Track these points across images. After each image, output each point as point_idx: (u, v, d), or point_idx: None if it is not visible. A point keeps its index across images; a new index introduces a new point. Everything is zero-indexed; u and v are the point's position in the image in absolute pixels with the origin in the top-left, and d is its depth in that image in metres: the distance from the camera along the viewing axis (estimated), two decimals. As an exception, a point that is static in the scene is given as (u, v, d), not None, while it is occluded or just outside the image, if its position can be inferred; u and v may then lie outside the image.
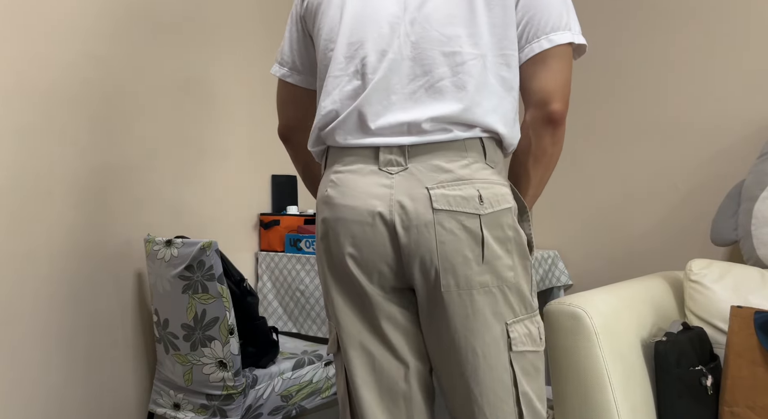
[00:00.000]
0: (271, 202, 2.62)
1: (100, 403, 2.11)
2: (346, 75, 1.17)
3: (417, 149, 1.12)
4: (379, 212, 1.12)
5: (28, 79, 1.92)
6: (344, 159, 1.17)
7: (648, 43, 2.48)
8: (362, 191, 1.13)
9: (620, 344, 1.53)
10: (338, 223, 1.15)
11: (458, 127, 1.12)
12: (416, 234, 1.10)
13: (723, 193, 2.30)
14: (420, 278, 1.12)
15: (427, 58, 1.13)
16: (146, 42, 2.21)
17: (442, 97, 1.12)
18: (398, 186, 1.12)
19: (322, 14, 1.22)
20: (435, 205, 1.10)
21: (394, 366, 1.15)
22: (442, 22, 1.13)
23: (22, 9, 1.90)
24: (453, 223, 1.10)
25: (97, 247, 2.10)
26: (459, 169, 1.12)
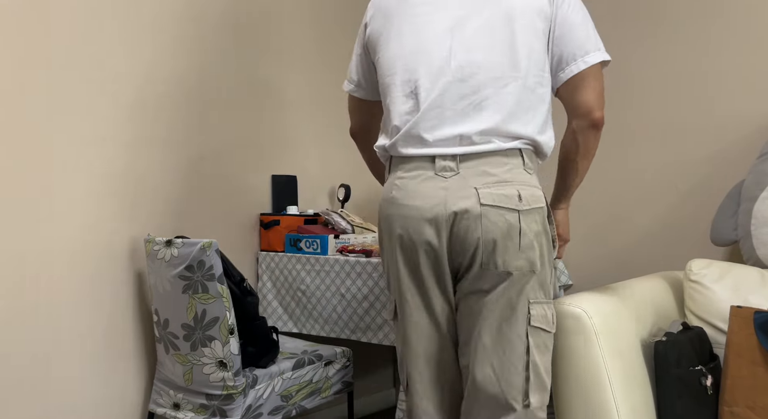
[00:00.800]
0: (271, 202, 2.62)
1: (100, 403, 2.11)
2: (403, 96, 1.43)
3: (467, 157, 1.37)
4: (437, 210, 1.36)
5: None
6: (405, 166, 1.43)
7: (647, 43, 2.48)
8: (422, 193, 1.39)
9: (620, 344, 1.53)
10: (405, 220, 1.41)
11: (501, 138, 1.36)
12: (466, 225, 1.35)
13: (723, 193, 2.30)
14: (467, 260, 1.36)
15: (474, 81, 1.36)
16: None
17: (488, 113, 1.36)
18: (452, 187, 1.36)
19: (383, 47, 1.48)
20: (482, 201, 1.34)
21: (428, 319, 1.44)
22: (487, 52, 1.37)
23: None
24: (496, 217, 1.34)
25: (97, 247, 2.10)
26: (502, 173, 1.36)
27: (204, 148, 2.40)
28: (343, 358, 2.21)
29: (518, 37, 1.37)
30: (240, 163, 2.51)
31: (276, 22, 2.63)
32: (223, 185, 2.45)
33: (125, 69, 2.17)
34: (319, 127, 2.80)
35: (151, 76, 2.24)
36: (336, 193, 2.88)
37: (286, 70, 2.66)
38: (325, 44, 2.81)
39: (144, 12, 2.21)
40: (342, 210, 2.60)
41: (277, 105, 2.63)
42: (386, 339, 2.17)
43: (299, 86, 2.71)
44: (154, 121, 2.25)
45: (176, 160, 2.31)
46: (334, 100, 2.85)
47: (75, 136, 2.05)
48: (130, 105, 2.18)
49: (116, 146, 2.15)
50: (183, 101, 2.33)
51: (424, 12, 1.43)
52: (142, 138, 2.22)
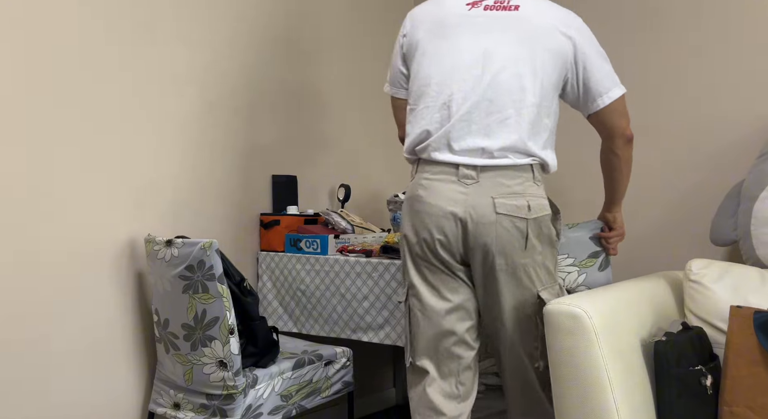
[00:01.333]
0: (271, 202, 2.63)
1: (100, 403, 2.11)
2: (436, 106, 1.63)
3: (486, 168, 1.59)
4: (457, 212, 1.59)
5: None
6: (432, 169, 1.63)
7: (647, 43, 2.48)
8: (445, 195, 1.60)
9: (620, 344, 1.53)
10: (427, 216, 1.62)
11: (516, 155, 1.59)
12: (481, 228, 1.58)
13: (723, 193, 2.30)
14: (480, 258, 1.61)
15: (500, 101, 1.58)
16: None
17: (508, 130, 1.58)
18: (471, 194, 1.59)
19: (418, 60, 1.69)
20: (497, 210, 1.57)
21: (440, 304, 1.67)
22: (512, 77, 1.58)
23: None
24: (508, 224, 1.58)
25: (97, 247, 2.10)
26: (515, 185, 1.59)
27: (206, 148, 2.40)
28: (343, 358, 2.21)
29: (538, 68, 1.60)
30: (240, 163, 2.51)
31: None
32: (223, 185, 2.46)
33: (126, 69, 2.18)
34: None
35: (152, 76, 2.24)
36: (336, 193, 2.88)
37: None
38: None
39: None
40: (342, 210, 2.60)
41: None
42: (387, 339, 2.17)
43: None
44: (154, 121, 2.25)
45: (177, 160, 2.31)
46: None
47: (75, 137, 2.06)
48: (130, 106, 2.19)
49: (116, 146, 2.15)
50: (186, 102, 2.33)
51: (461, 32, 1.64)
52: (142, 138, 2.22)
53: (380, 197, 3.08)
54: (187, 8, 2.34)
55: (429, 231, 1.62)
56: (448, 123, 1.61)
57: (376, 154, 3.06)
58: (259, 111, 2.58)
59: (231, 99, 2.48)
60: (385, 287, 2.17)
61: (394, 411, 2.99)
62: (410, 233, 1.67)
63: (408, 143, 1.69)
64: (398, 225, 2.54)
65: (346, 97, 2.92)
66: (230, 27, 2.48)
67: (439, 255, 1.63)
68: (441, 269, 1.66)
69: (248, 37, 2.54)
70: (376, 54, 3.05)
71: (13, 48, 1.92)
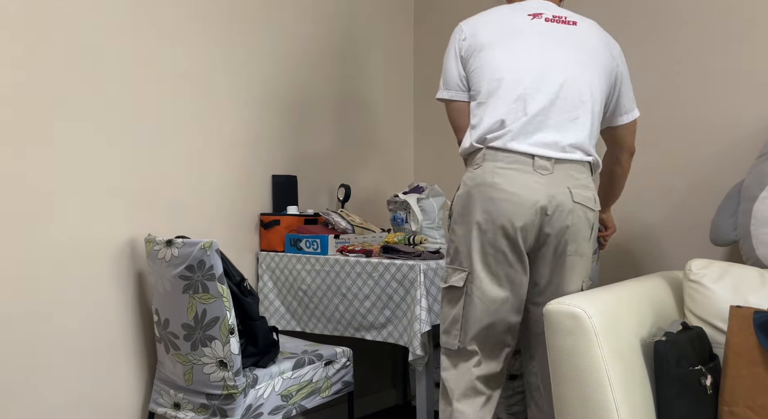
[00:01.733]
0: (271, 202, 2.63)
1: (100, 403, 2.11)
2: (510, 98, 1.71)
3: (560, 161, 1.70)
4: (537, 200, 1.66)
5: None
6: (507, 158, 1.69)
7: (647, 43, 2.48)
8: (523, 184, 1.67)
9: (620, 344, 1.53)
10: (507, 204, 1.67)
11: (581, 152, 1.72)
12: (557, 216, 1.68)
13: (723, 193, 2.30)
14: (553, 244, 1.70)
15: (572, 102, 1.72)
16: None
17: (577, 129, 1.71)
18: (549, 183, 1.68)
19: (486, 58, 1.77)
20: (575, 199, 1.69)
21: (499, 293, 1.73)
22: (581, 84, 1.73)
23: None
24: (581, 212, 1.71)
25: (97, 247, 2.10)
26: (583, 179, 1.72)
27: (206, 148, 2.40)
28: (343, 358, 2.21)
29: (595, 80, 1.75)
30: (240, 163, 2.51)
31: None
32: (223, 185, 2.46)
33: (126, 69, 2.18)
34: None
35: (152, 76, 2.24)
36: (336, 193, 2.88)
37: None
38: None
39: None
40: (342, 210, 2.60)
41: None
42: (390, 337, 2.17)
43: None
44: (154, 121, 2.25)
45: (177, 161, 2.31)
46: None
47: (75, 137, 2.06)
48: (130, 106, 2.19)
49: (116, 146, 2.16)
50: (186, 102, 2.33)
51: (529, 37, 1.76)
52: (143, 138, 2.22)
53: (380, 197, 3.09)
54: (186, 6, 2.34)
55: (509, 219, 1.67)
56: (524, 116, 1.70)
57: (376, 154, 3.06)
58: (260, 111, 2.58)
59: (231, 99, 2.48)
60: (386, 287, 2.17)
61: (394, 411, 2.99)
62: (483, 219, 1.70)
63: (479, 132, 1.74)
64: (398, 226, 2.54)
65: (345, 98, 2.92)
66: (229, 26, 2.48)
67: (516, 243, 1.69)
68: (508, 258, 1.70)
69: (248, 36, 2.54)
70: (376, 55, 3.05)
71: (14, 48, 1.92)
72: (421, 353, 2.05)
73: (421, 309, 2.06)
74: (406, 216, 2.51)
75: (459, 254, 1.76)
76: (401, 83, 3.19)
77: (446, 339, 1.79)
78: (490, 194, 1.69)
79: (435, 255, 2.24)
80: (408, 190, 2.57)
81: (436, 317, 2.14)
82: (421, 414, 2.15)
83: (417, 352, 2.05)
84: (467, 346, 1.76)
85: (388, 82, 3.12)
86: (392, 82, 3.14)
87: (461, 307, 1.75)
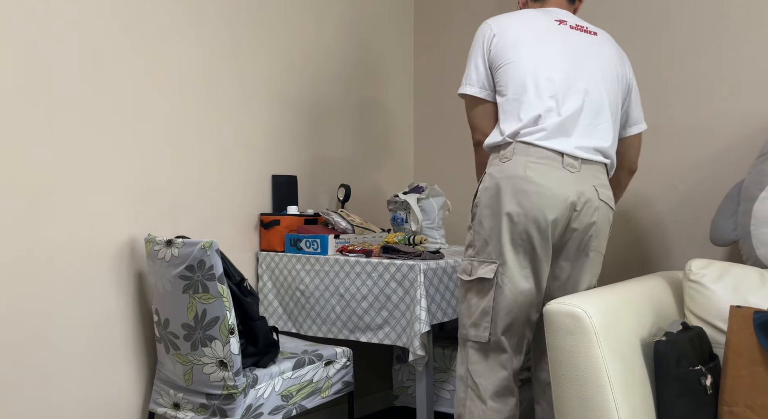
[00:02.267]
0: (271, 202, 2.63)
1: (100, 403, 2.11)
2: (544, 97, 1.75)
3: (586, 161, 1.76)
4: (568, 195, 1.72)
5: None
6: (538, 153, 1.73)
7: (646, 42, 2.48)
8: (555, 179, 1.71)
9: (620, 344, 1.53)
10: (540, 197, 1.70)
11: (603, 156, 1.80)
12: (585, 212, 1.74)
13: (723, 193, 2.30)
14: (578, 238, 1.76)
15: (596, 110, 1.79)
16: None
17: (602, 135, 1.79)
18: (578, 180, 1.73)
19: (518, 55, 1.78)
20: (601, 197, 1.76)
21: (526, 285, 1.76)
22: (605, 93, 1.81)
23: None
24: (605, 210, 1.79)
25: (97, 247, 2.10)
26: (604, 179, 1.81)
27: (206, 148, 2.40)
28: (343, 358, 2.21)
29: (615, 90, 1.84)
30: (240, 163, 2.51)
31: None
32: (223, 185, 2.46)
33: (126, 69, 2.18)
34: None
35: (152, 76, 2.24)
36: (336, 193, 2.88)
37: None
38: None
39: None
40: (342, 210, 2.60)
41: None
42: (387, 339, 2.17)
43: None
44: (154, 121, 2.25)
45: (177, 160, 2.32)
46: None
47: (76, 137, 2.06)
48: (130, 106, 2.19)
49: (117, 147, 2.16)
50: (186, 102, 2.33)
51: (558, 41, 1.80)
52: (143, 138, 2.22)
53: (380, 197, 3.09)
54: (188, 7, 2.34)
55: (542, 212, 1.70)
56: (558, 116, 1.74)
57: (376, 154, 3.06)
58: (260, 111, 2.58)
59: (231, 99, 2.48)
60: (385, 287, 2.17)
61: (394, 411, 2.99)
62: (516, 211, 1.72)
63: (514, 127, 1.76)
64: (398, 226, 2.54)
65: (346, 98, 2.92)
66: (230, 27, 2.48)
67: (546, 236, 1.72)
68: (536, 250, 1.73)
69: (249, 37, 2.54)
70: (376, 55, 3.06)
71: (14, 48, 1.92)
72: (422, 353, 2.05)
73: (422, 309, 2.06)
74: (406, 216, 2.51)
75: (488, 246, 1.76)
76: (401, 83, 3.19)
77: (476, 332, 1.79)
78: (522, 186, 1.71)
79: (435, 255, 2.24)
80: (408, 190, 2.57)
81: (442, 315, 2.14)
82: (421, 414, 2.15)
83: (417, 352, 2.05)
84: (499, 338, 1.77)
85: (389, 82, 3.12)
86: (392, 82, 3.14)
87: (491, 299, 1.75)
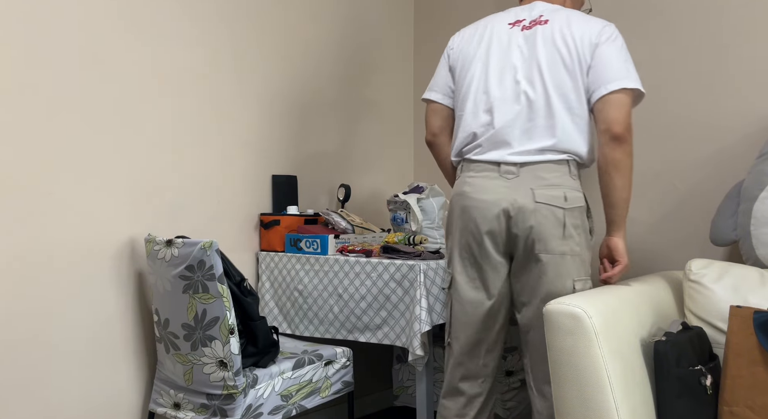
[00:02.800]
0: (271, 202, 2.63)
1: (100, 403, 2.11)
2: (479, 111, 1.80)
3: (526, 165, 1.73)
4: (500, 204, 1.73)
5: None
6: (476, 167, 1.79)
7: (648, 43, 2.48)
8: (489, 190, 1.75)
9: (620, 344, 1.53)
10: (474, 210, 1.76)
11: (553, 153, 1.73)
12: (520, 217, 1.71)
13: (723, 193, 2.30)
14: (522, 245, 1.73)
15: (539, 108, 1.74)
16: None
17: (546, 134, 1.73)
18: (512, 186, 1.73)
19: (464, 72, 1.86)
20: (538, 199, 1.71)
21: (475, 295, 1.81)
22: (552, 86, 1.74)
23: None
24: (546, 211, 1.71)
25: (97, 247, 2.10)
26: (553, 178, 1.72)
27: (206, 148, 2.40)
28: (343, 358, 2.21)
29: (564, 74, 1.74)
30: (240, 163, 2.51)
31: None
32: (223, 185, 2.46)
33: (126, 69, 2.18)
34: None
35: (152, 76, 2.24)
36: (336, 193, 2.88)
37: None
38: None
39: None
40: (342, 210, 2.60)
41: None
42: (386, 339, 2.17)
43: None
44: (154, 121, 2.25)
45: (177, 160, 2.32)
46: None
47: (76, 137, 2.06)
48: (130, 106, 2.19)
49: (116, 146, 2.16)
50: (186, 102, 2.33)
51: (498, 49, 1.81)
52: (143, 138, 2.22)
53: (380, 197, 3.09)
54: (188, 6, 2.34)
55: (476, 225, 1.76)
56: (492, 129, 1.77)
57: (376, 154, 3.06)
58: (260, 111, 2.58)
59: (232, 99, 2.48)
60: (384, 287, 2.17)
61: (394, 411, 2.99)
62: (460, 227, 1.81)
63: (457, 146, 1.85)
64: (398, 226, 2.54)
65: (346, 98, 2.92)
66: (231, 26, 2.48)
67: (485, 247, 1.76)
68: (478, 261, 1.79)
69: (250, 37, 2.54)
70: (376, 55, 3.06)
71: (14, 48, 1.92)
72: (421, 353, 2.05)
73: (421, 309, 2.06)
74: (406, 216, 2.51)
75: (450, 259, 1.87)
76: (401, 83, 3.19)
77: (446, 335, 1.92)
78: (462, 202, 1.79)
79: (435, 255, 2.24)
80: (408, 190, 2.57)
81: (438, 317, 2.14)
82: (421, 414, 2.15)
83: (417, 352, 2.05)
84: (452, 341, 1.87)
85: (389, 82, 3.12)
86: (392, 82, 3.14)
87: (449, 306, 1.87)
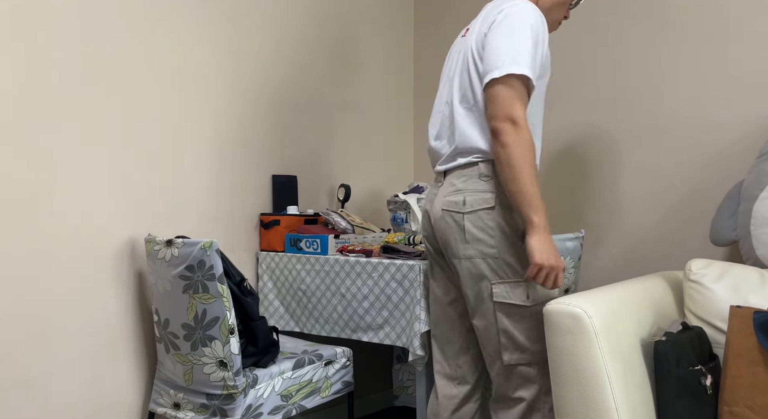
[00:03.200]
0: (271, 202, 2.63)
1: (100, 403, 2.11)
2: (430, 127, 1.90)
3: (448, 171, 1.80)
4: (426, 211, 1.85)
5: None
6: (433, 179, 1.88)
7: (646, 42, 2.48)
8: (427, 199, 1.87)
9: (620, 344, 1.53)
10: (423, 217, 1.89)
11: (462, 156, 1.75)
12: (435, 224, 1.79)
13: (723, 193, 2.30)
14: (443, 251, 1.80)
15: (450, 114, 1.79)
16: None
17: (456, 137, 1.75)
18: (435, 195, 1.82)
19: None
20: (442, 206, 1.76)
21: (440, 292, 1.90)
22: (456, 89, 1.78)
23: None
24: (448, 218, 1.75)
25: (97, 247, 2.10)
26: (459, 183, 1.74)
27: (206, 148, 2.40)
28: (343, 358, 2.21)
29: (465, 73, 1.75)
30: (240, 163, 2.51)
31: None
32: (223, 185, 2.46)
33: (127, 69, 2.18)
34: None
35: (152, 76, 2.25)
36: (336, 193, 2.88)
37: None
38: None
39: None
40: (342, 210, 2.60)
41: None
42: (387, 339, 2.17)
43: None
44: (154, 121, 2.25)
45: (177, 160, 2.32)
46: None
47: (76, 137, 2.06)
48: (130, 106, 2.19)
49: (116, 147, 2.16)
50: (187, 102, 2.33)
51: (448, 61, 1.89)
52: (143, 138, 2.22)
53: (380, 197, 3.09)
54: (187, 6, 2.34)
55: (422, 231, 1.92)
56: (432, 141, 1.88)
57: (376, 154, 3.06)
58: (260, 111, 2.58)
59: (232, 99, 2.48)
60: (385, 287, 2.17)
61: (394, 411, 2.99)
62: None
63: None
64: (398, 226, 2.54)
65: (346, 98, 2.92)
66: (230, 26, 2.48)
67: (429, 249, 1.89)
68: (437, 262, 1.89)
69: (249, 36, 2.54)
70: (376, 55, 3.06)
71: (14, 48, 1.92)
72: (422, 353, 2.05)
73: (422, 309, 2.06)
74: (406, 216, 2.51)
75: None
76: (401, 83, 3.19)
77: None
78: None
79: (435, 255, 2.24)
80: (408, 190, 2.57)
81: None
82: (421, 414, 2.15)
83: (417, 352, 2.05)
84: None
85: (389, 82, 3.12)
86: (392, 82, 3.14)
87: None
